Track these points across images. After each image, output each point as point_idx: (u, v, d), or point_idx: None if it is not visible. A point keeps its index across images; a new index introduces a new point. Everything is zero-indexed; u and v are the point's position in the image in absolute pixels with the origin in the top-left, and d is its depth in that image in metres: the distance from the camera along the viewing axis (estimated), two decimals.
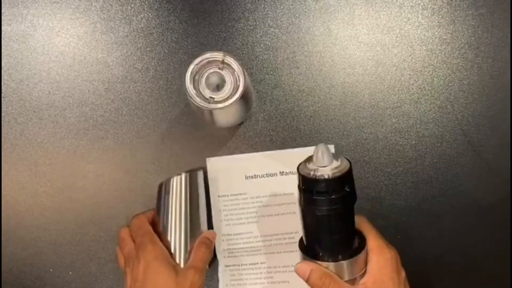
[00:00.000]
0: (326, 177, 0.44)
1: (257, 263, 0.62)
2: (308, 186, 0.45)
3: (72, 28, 0.62)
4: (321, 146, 0.45)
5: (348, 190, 0.46)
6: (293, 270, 0.61)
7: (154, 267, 0.53)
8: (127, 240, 0.57)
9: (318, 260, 0.49)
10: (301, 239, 0.51)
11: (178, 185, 0.58)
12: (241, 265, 0.62)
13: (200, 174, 0.60)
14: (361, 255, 0.49)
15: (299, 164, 0.47)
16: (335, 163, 0.45)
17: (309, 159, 0.46)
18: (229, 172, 0.62)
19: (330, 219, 0.46)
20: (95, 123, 0.62)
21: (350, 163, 0.46)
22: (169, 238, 0.56)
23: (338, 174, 0.45)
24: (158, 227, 0.57)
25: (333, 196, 0.45)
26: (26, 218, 0.62)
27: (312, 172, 0.45)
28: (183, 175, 0.58)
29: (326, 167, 0.45)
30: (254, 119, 0.62)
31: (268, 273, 0.61)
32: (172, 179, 0.58)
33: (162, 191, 0.58)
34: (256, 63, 0.62)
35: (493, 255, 0.62)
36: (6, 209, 0.62)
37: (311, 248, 0.49)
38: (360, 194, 0.61)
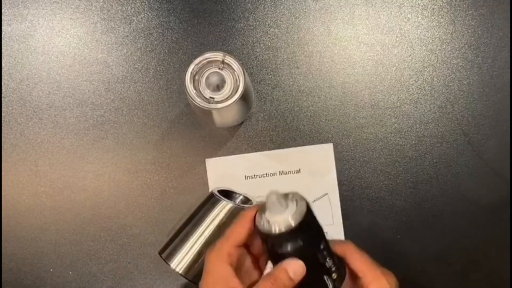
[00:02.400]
0: (290, 227, 0.39)
1: None
2: (274, 243, 0.40)
3: (72, 28, 0.62)
4: (272, 194, 0.40)
5: (315, 226, 0.41)
6: None
7: None
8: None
9: None
10: None
11: (225, 211, 0.56)
12: None
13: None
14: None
15: (256, 217, 0.42)
16: (291, 207, 0.40)
17: (264, 210, 0.41)
18: (228, 172, 0.62)
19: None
20: (95, 123, 0.62)
21: (306, 200, 0.41)
22: (185, 244, 0.56)
23: (300, 218, 0.40)
24: (182, 226, 0.57)
25: (299, 244, 0.40)
26: (26, 218, 0.62)
27: (272, 228, 0.40)
28: (231, 207, 0.56)
29: (284, 216, 0.40)
30: (254, 119, 0.62)
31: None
32: (221, 202, 0.56)
33: (208, 203, 0.57)
34: (256, 63, 0.62)
35: (493, 255, 0.62)
36: (6, 209, 0.62)
37: None
38: (360, 194, 0.62)
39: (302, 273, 0.41)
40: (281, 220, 0.40)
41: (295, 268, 0.41)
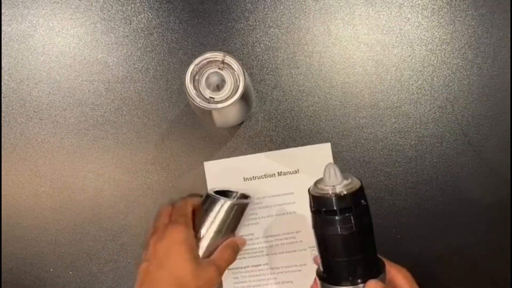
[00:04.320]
0: (341, 194, 0.44)
1: (260, 265, 0.62)
2: (322, 206, 0.44)
3: (72, 28, 0.62)
4: (331, 165, 0.44)
5: (363, 205, 0.45)
6: (296, 270, 0.61)
7: (178, 249, 0.52)
8: (164, 215, 0.57)
9: (338, 285, 0.46)
10: (318, 268, 0.49)
11: (223, 209, 0.57)
12: (244, 267, 0.62)
13: (248, 205, 0.60)
14: (381, 277, 0.46)
15: (310, 187, 0.46)
16: (345, 181, 0.44)
17: (319, 181, 0.46)
18: (227, 174, 0.62)
19: (348, 237, 0.44)
20: (95, 123, 0.62)
21: (360, 181, 0.45)
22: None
23: (352, 190, 0.44)
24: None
25: (347, 214, 0.44)
26: (26, 218, 0.62)
27: (324, 192, 0.44)
28: (231, 204, 0.57)
29: (338, 185, 0.44)
30: (254, 119, 0.62)
31: (272, 274, 0.61)
32: (219, 202, 0.57)
33: (206, 204, 0.58)
34: (256, 63, 0.62)
35: (493, 255, 0.62)
36: (6, 209, 0.62)
37: (329, 274, 0.47)
38: None
39: None
40: (336, 186, 0.44)
41: None
